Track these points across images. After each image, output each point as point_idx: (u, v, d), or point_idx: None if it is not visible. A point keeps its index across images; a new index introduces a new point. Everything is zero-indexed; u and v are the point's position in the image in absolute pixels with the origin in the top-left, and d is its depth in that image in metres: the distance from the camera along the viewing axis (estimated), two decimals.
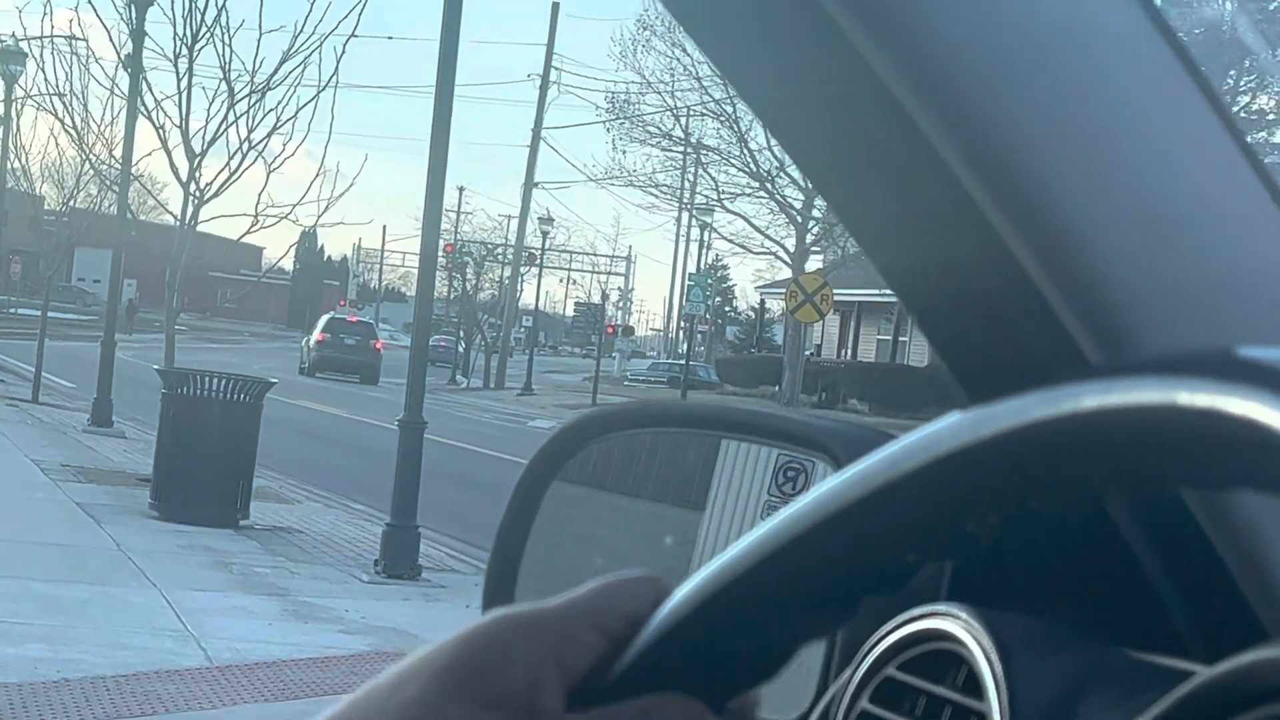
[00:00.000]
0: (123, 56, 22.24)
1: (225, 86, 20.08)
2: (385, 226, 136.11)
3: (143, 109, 20.94)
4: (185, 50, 20.30)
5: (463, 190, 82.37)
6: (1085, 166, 1.00)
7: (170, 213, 21.39)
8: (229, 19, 19.79)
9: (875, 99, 1.05)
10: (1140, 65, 1.02)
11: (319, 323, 61.05)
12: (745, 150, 41.42)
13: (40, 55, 25.85)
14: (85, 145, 24.78)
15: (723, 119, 42.03)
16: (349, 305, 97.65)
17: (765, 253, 44.06)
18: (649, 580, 0.81)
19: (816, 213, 40.50)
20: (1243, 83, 38.63)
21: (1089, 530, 1.11)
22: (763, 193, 41.39)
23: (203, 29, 19.76)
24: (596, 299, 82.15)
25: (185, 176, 20.02)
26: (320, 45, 19.40)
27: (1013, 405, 0.68)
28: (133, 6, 22.00)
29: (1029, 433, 0.67)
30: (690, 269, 75.02)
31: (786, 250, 40.83)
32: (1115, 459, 0.65)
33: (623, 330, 76.78)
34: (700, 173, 47.77)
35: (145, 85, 21.05)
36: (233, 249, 22.47)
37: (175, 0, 19.98)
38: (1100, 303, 1.00)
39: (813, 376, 47.55)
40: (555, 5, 64.35)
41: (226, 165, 20.23)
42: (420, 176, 13.86)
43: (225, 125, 20.20)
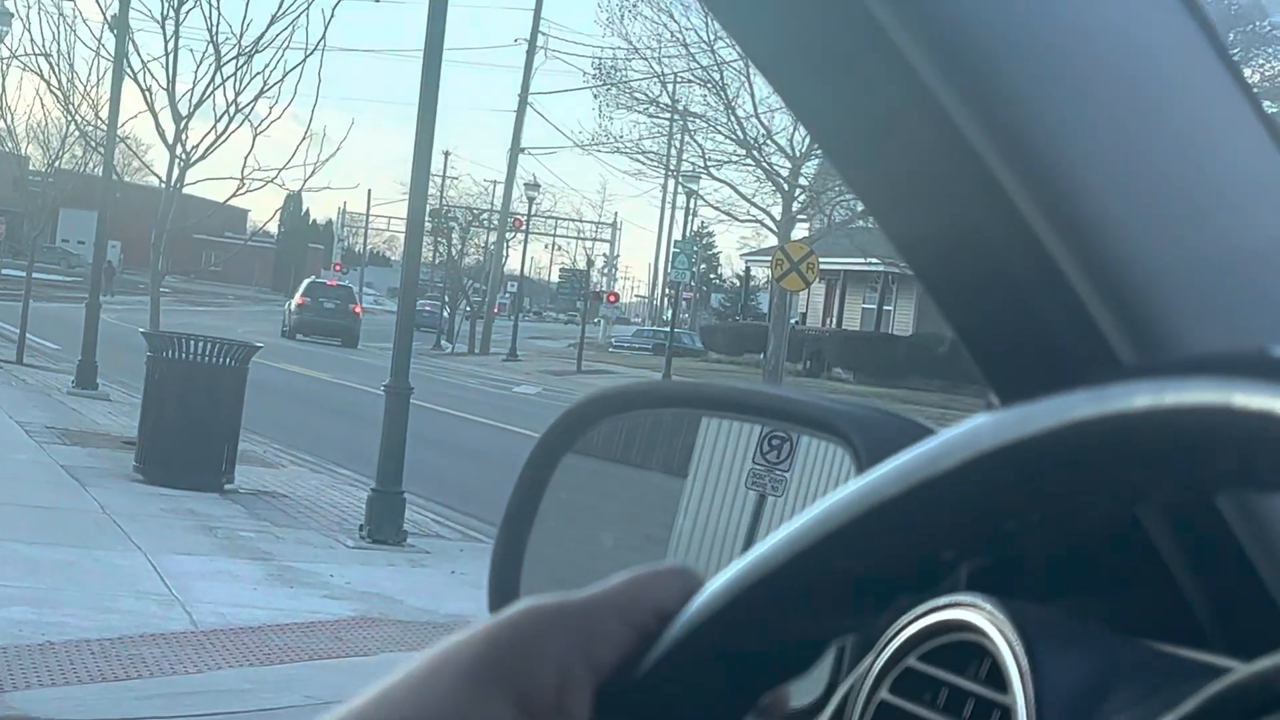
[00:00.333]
0: (109, 17, 22.15)
1: (212, 49, 20.04)
2: (370, 191, 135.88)
3: (129, 71, 20.86)
4: (172, 12, 20.26)
5: (448, 155, 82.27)
6: (1116, 153, 0.99)
7: (156, 175, 21.30)
8: None
9: (897, 75, 1.03)
10: (1173, 51, 1.00)
11: (300, 287, 61.90)
12: (732, 117, 41.33)
13: (26, 15, 25.77)
14: (71, 106, 24.69)
15: (710, 86, 41.93)
16: (334, 269, 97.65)
17: (751, 220, 43.98)
18: (679, 573, 0.79)
19: (803, 181, 40.47)
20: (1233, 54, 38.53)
21: (1108, 522, 1.10)
22: (749, 160, 41.30)
23: None
24: (582, 265, 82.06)
25: (171, 139, 19.97)
26: (308, 8, 19.36)
27: (1057, 404, 0.67)
28: None
29: (1075, 432, 0.66)
30: (676, 236, 74.99)
31: (772, 218, 40.75)
32: (1164, 460, 0.64)
33: (608, 297, 76.71)
34: (687, 140, 47.68)
35: (132, 47, 20.98)
36: (218, 212, 22.37)
37: None
38: (1131, 294, 0.99)
39: (797, 344, 47.60)
40: None
41: (213, 128, 20.19)
42: (407, 141, 13.83)
43: (212, 88, 20.16)
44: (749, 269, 73.08)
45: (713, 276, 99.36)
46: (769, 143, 40.36)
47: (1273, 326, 0.99)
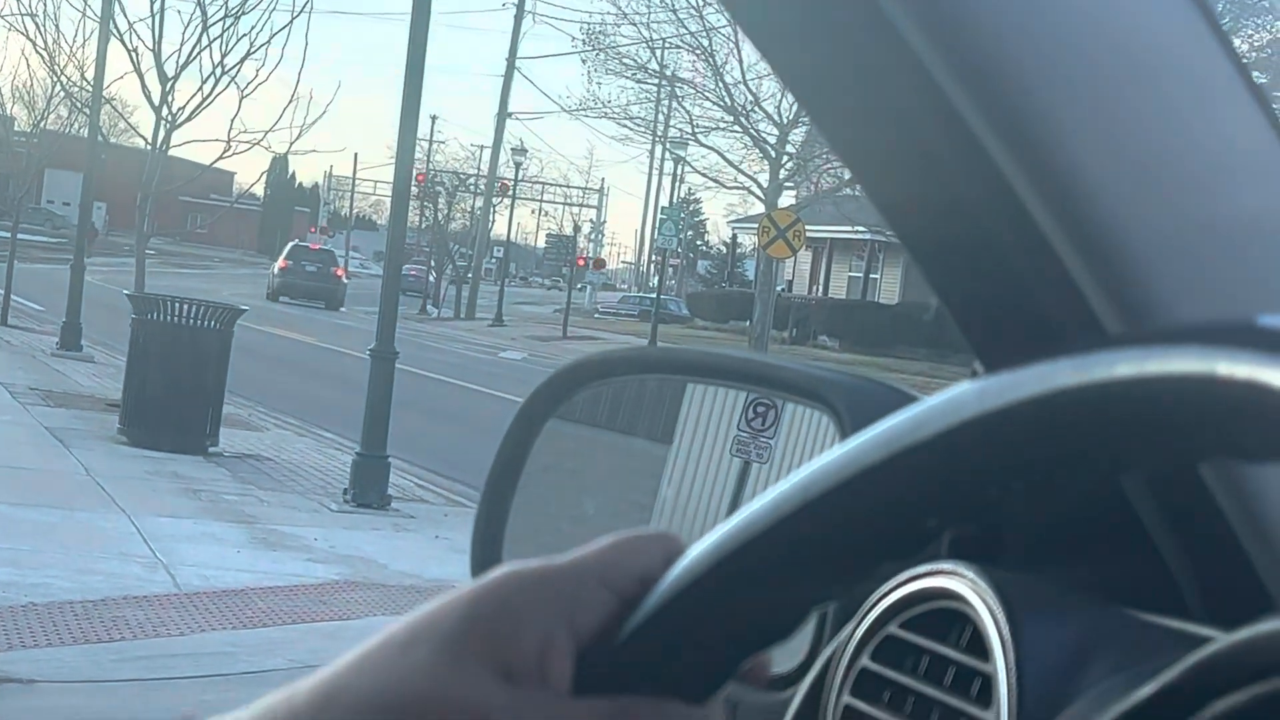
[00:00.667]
0: None
1: (199, 10, 19.95)
2: (357, 154, 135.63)
3: (115, 31, 20.77)
4: None
5: (435, 119, 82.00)
6: (1103, 122, 0.99)
7: (142, 136, 21.24)
8: None
9: (883, 40, 1.03)
10: (1163, 20, 1.00)
11: (283, 250, 62.52)
12: (720, 84, 41.23)
13: None
14: (56, 66, 24.61)
15: (698, 52, 41.84)
16: (320, 233, 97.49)
17: (738, 187, 43.93)
18: (662, 538, 0.79)
19: (790, 148, 40.40)
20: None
21: (1090, 490, 1.10)
22: (737, 127, 41.22)
23: None
24: (569, 231, 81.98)
25: (157, 100, 19.90)
26: None
27: (1040, 371, 0.67)
28: None
29: (1059, 400, 0.65)
30: (663, 202, 74.90)
31: (760, 185, 40.69)
32: (1148, 429, 0.64)
33: (594, 263, 76.60)
34: (675, 106, 47.57)
35: (118, 7, 20.88)
36: (204, 174, 22.31)
37: None
38: (1117, 263, 0.98)
39: (783, 312, 47.59)
40: None
41: (199, 90, 20.12)
42: (394, 104, 13.78)
43: (198, 49, 20.08)
44: (735, 236, 73.03)
45: (699, 243, 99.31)
46: (757, 110, 40.31)
47: (1259, 297, 0.98)
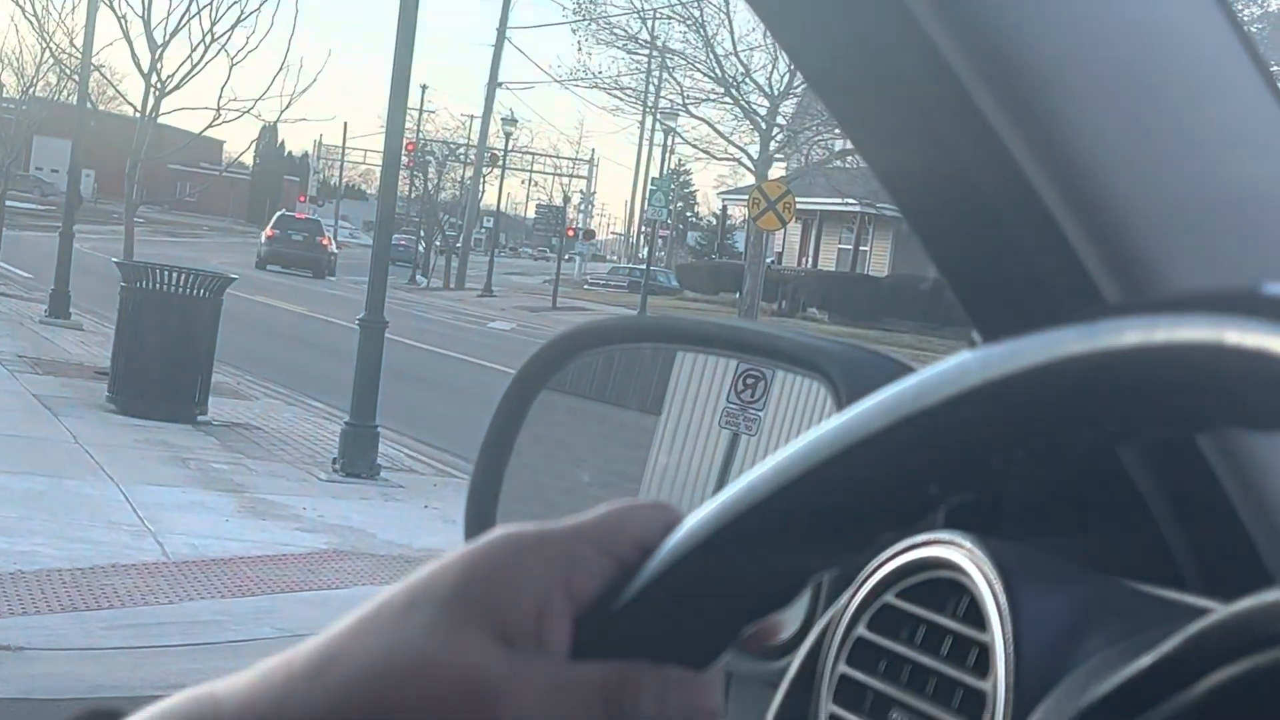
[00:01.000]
0: None
1: None
2: (346, 124, 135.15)
3: None
4: None
5: (425, 88, 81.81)
6: (1106, 92, 0.98)
7: (131, 104, 21.18)
8: None
9: (885, 7, 1.02)
10: None
11: (271, 220, 63.32)
12: (711, 55, 41.14)
13: None
14: (45, 33, 24.52)
15: (689, 23, 41.76)
16: (309, 202, 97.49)
17: (728, 159, 43.88)
18: (660, 507, 0.79)
19: (781, 120, 40.36)
20: None
21: (1089, 461, 1.09)
22: (727, 98, 41.16)
23: None
24: (558, 201, 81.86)
25: (146, 67, 19.84)
26: None
27: (1046, 339, 0.66)
28: None
29: (1065, 367, 0.65)
30: (653, 174, 74.81)
31: (750, 157, 40.63)
32: (1154, 397, 0.64)
33: (583, 234, 76.53)
34: (665, 77, 47.46)
35: None
36: (193, 143, 22.26)
37: None
38: (1118, 233, 0.98)
39: (773, 284, 47.60)
40: None
41: (188, 57, 20.06)
42: (385, 73, 13.74)
43: (188, 16, 20.01)
44: (726, 208, 72.98)
45: (689, 215, 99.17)
46: (747, 81, 40.24)
47: (1260, 267, 0.98)
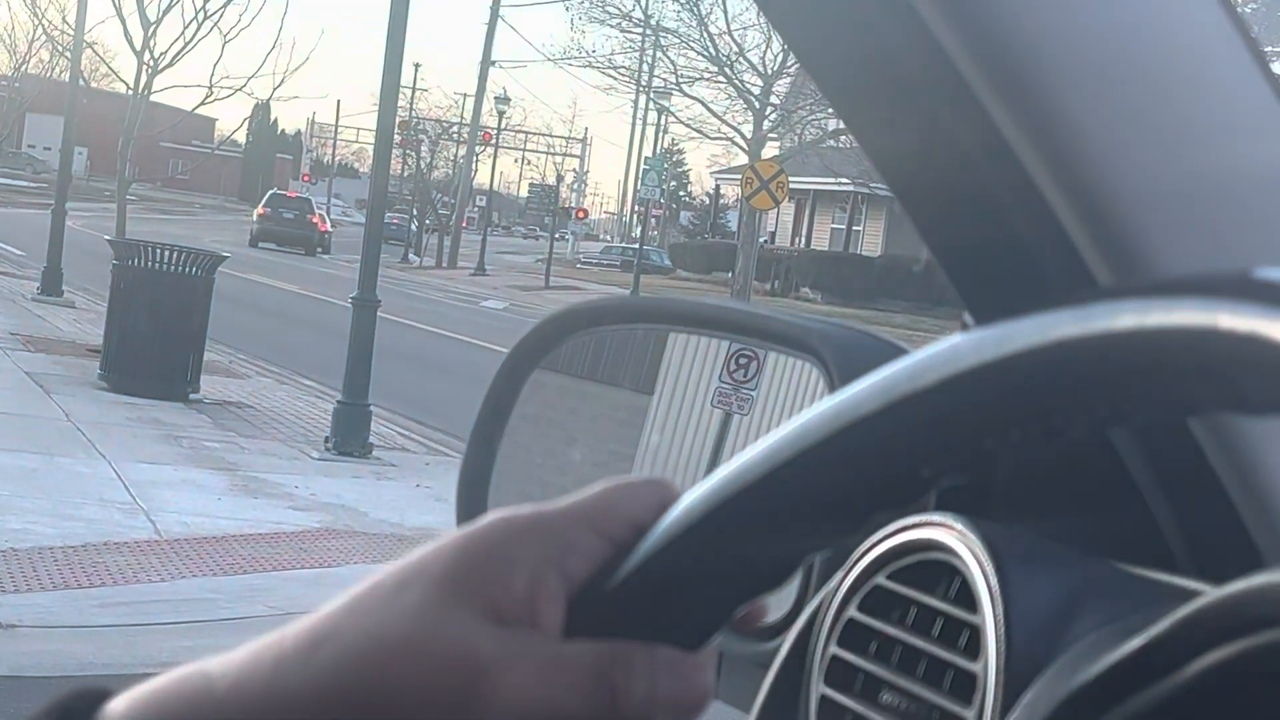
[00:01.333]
0: None
1: None
2: (339, 102, 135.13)
3: None
4: None
5: (419, 67, 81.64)
6: (1099, 74, 0.98)
7: (123, 81, 21.13)
8: None
9: None
10: None
11: (263, 198, 64.24)
12: (705, 34, 41.15)
13: None
14: (38, 10, 24.45)
15: (683, 2, 41.72)
16: (302, 180, 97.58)
17: (722, 138, 43.86)
18: (655, 485, 0.79)
19: (774, 99, 40.33)
20: None
21: (1080, 444, 1.09)
22: (721, 78, 41.15)
23: None
24: (552, 180, 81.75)
25: (139, 45, 19.80)
26: None
27: (1039, 322, 0.66)
28: None
29: (1058, 351, 0.65)
30: (646, 153, 74.73)
31: (743, 136, 40.64)
32: (1147, 381, 0.64)
33: (576, 212, 76.48)
34: (659, 55, 47.41)
35: None
36: (186, 120, 22.24)
37: None
38: (1111, 216, 0.98)
39: (766, 264, 47.58)
40: None
41: (181, 35, 20.02)
42: (378, 51, 13.71)
43: None
44: (719, 187, 72.95)
45: (682, 194, 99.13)
46: (741, 60, 40.24)
47: (1254, 251, 0.98)
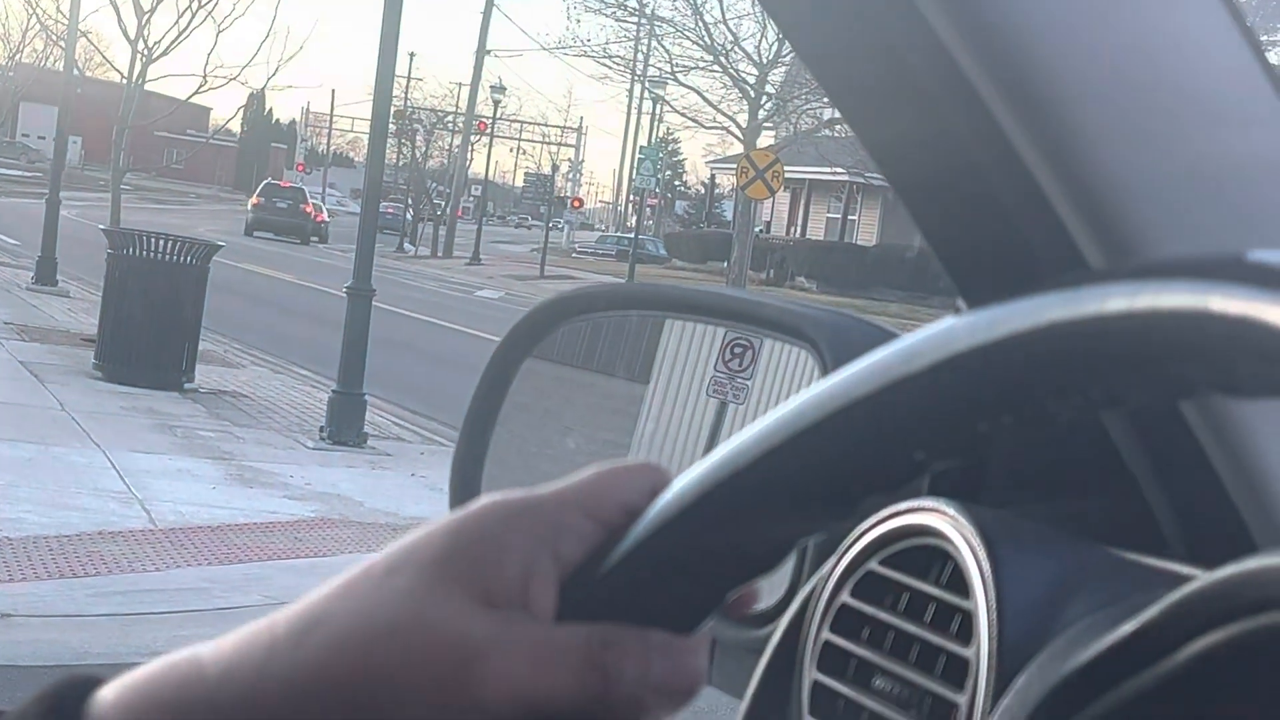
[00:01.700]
0: None
1: None
2: (334, 91, 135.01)
3: None
4: None
5: (414, 56, 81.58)
6: (1093, 60, 0.98)
7: (118, 70, 21.10)
8: None
9: None
10: None
11: (257, 188, 65.08)
12: (700, 23, 41.07)
13: None
14: None
15: None
16: (296, 170, 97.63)
17: (717, 127, 43.80)
18: (648, 469, 0.79)
19: (770, 88, 40.30)
20: None
21: (1073, 428, 1.09)
22: (716, 67, 41.09)
23: None
24: (547, 170, 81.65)
25: (133, 34, 19.78)
26: None
27: (1031, 304, 0.66)
28: None
29: (1050, 333, 0.65)
30: (641, 142, 74.69)
31: (739, 125, 40.58)
32: (1139, 363, 0.64)
33: (571, 202, 76.44)
34: (654, 44, 47.34)
35: None
36: (180, 110, 22.21)
37: None
38: (1106, 202, 0.98)
39: (761, 253, 47.58)
40: None
41: (175, 23, 20.00)
42: (373, 40, 13.70)
43: None
44: (714, 176, 72.91)
45: (678, 183, 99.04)
46: (736, 49, 40.19)
47: (1245, 236, 0.98)
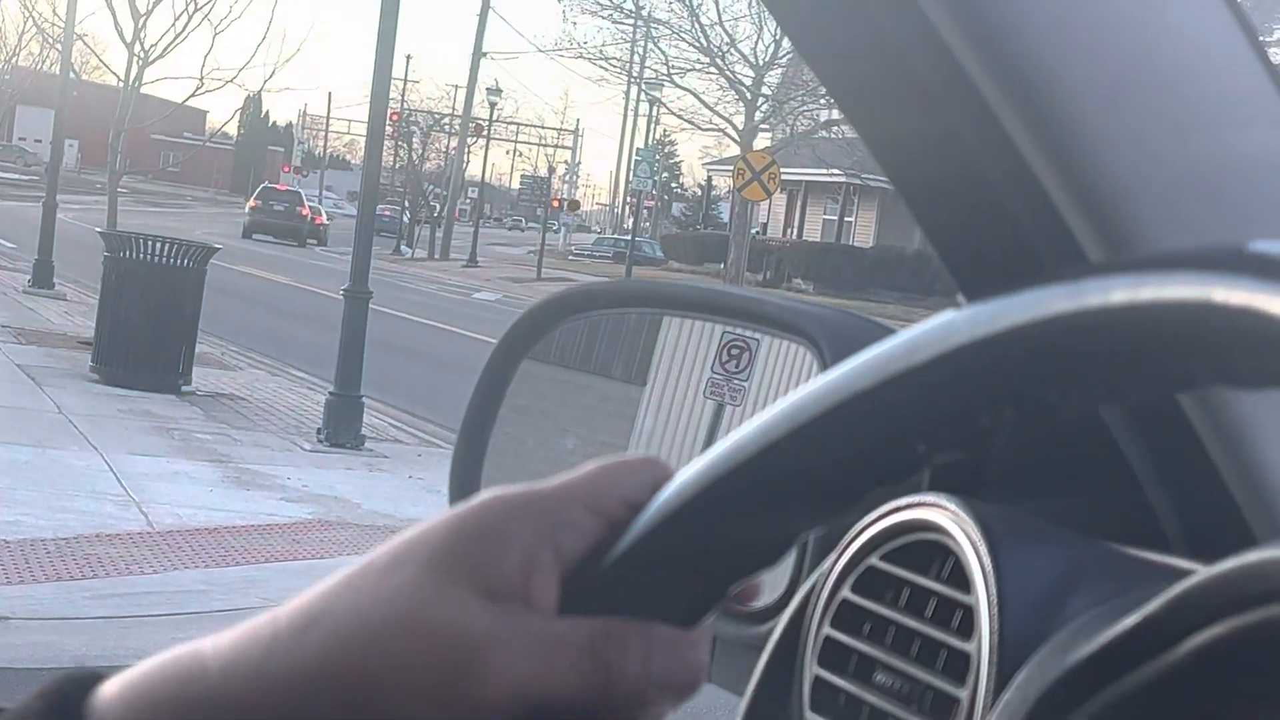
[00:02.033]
0: None
1: None
2: (331, 94, 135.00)
3: None
4: None
5: (410, 58, 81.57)
6: (1093, 56, 0.98)
7: (114, 73, 21.09)
8: None
9: None
10: None
11: (254, 192, 65.30)
12: (696, 25, 41.10)
13: None
14: (28, 2, 24.41)
15: None
16: (294, 173, 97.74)
17: (714, 129, 43.84)
18: (649, 463, 0.78)
19: (766, 90, 40.32)
20: None
21: (1072, 423, 1.09)
22: (713, 68, 41.12)
23: None
24: (543, 172, 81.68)
25: (129, 37, 19.78)
26: None
27: (1033, 297, 0.66)
28: None
29: (1052, 326, 0.65)
30: (638, 144, 74.71)
31: (735, 127, 40.59)
32: (1141, 356, 0.64)
33: (568, 204, 76.43)
34: (650, 46, 47.36)
35: None
36: (177, 113, 22.20)
37: None
38: (1105, 198, 0.98)
39: (758, 255, 47.61)
40: None
41: (172, 26, 19.99)
42: (369, 42, 13.70)
43: None
44: (711, 178, 72.91)
45: (674, 185, 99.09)
46: (733, 51, 40.23)
47: (1244, 230, 0.98)
